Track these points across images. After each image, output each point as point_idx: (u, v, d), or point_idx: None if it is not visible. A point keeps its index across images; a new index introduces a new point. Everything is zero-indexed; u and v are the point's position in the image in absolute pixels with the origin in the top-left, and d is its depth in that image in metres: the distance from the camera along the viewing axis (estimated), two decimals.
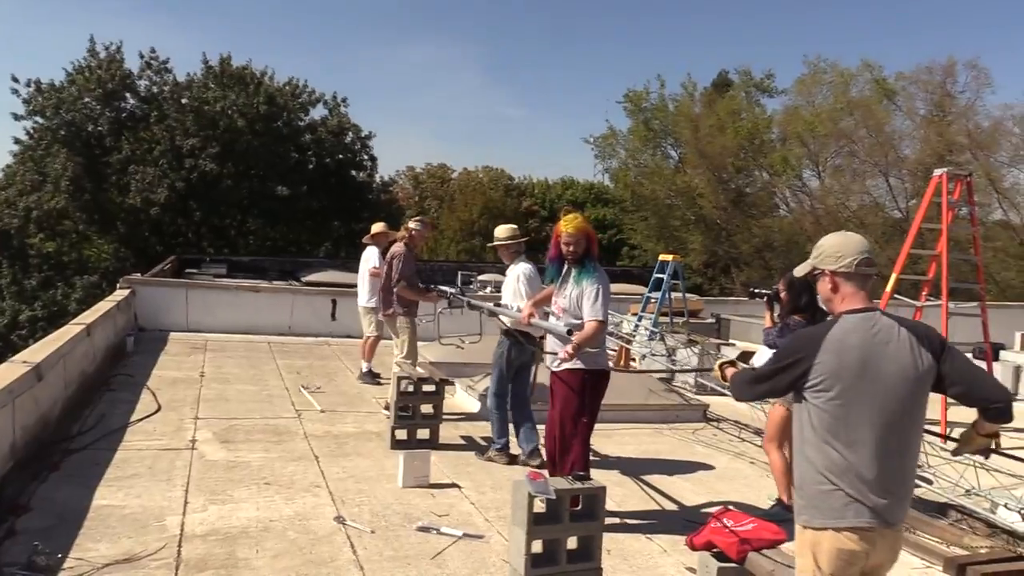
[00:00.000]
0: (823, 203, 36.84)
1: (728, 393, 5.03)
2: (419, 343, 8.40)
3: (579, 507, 4.00)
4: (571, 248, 5.06)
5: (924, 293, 9.28)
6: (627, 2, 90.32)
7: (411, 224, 8.22)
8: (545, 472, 4.65)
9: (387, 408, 7.68)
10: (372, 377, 9.64)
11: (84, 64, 28.44)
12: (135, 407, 7.62)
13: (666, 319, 12.45)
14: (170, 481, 5.52)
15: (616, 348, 11.94)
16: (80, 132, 27.84)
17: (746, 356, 10.84)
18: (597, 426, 5.26)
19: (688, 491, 6.23)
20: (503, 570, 4.32)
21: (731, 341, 10.89)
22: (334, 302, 13.75)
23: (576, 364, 4.97)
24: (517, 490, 3.85)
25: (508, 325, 6.48)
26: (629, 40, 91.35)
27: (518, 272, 6.58)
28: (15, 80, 27.62)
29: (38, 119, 28.02)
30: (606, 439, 7.71)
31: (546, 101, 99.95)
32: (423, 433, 6.90)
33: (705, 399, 9.52)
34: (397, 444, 6.77)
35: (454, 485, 5.86)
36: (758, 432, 8.44)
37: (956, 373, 2.76)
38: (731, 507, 4.13)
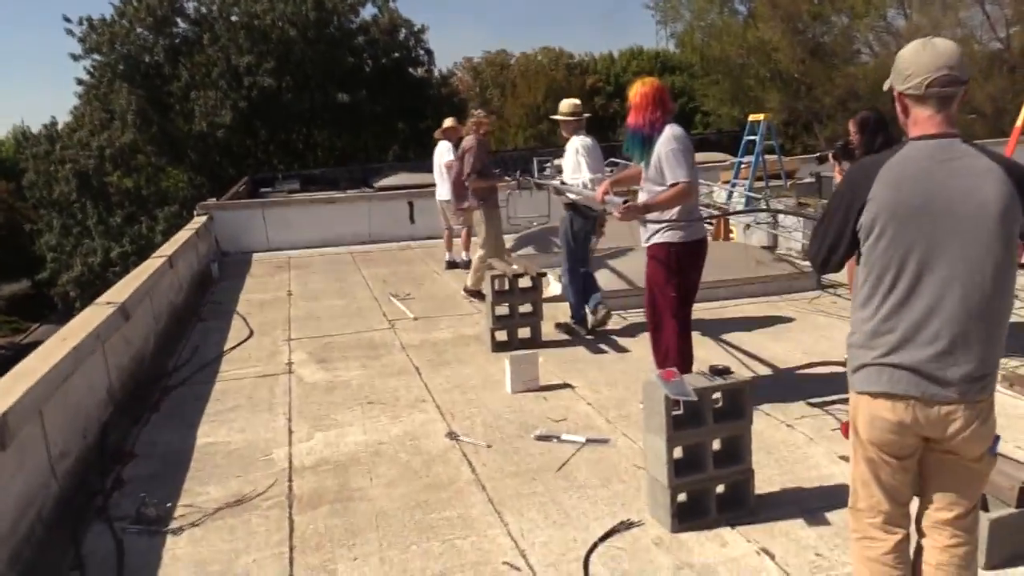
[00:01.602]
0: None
1: None
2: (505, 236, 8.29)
3: (720, 404, 3.53)
4: (638, 116, 4.62)
5: None
6: None
7: (477, 114, 8.19)
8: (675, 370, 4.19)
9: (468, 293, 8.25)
10: (453, 266, 10.03)
11: None
12: (227, 334, 7.45)
13: (761, 183, 11.65)
14: (272, 410, 5.29)
15: (712, 220, 11.28)
16: (138, 64, 27.68)
17: None
18: (706, 304, 4.81)
19: (819, 368, 5.70)
20: (636, 476, 3.94)
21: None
22: (411, 204, 13.36)
23: (661, 238, 4.64)
24: (650, 393, 3.39)
25: (573, 199, 6.48)
26: None
27: (576, 145, 6.54)
28: (67, 20, 27.52)
29: (96, 56, 27.92)
30: (717, 317, 7.21)
31: None
32: (523, 332, 6.52)
33: None
34: (498, 346, 6.41)
35: (566, 385, 5.47)
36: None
37: None
38: None
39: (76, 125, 28.56)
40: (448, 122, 10.30)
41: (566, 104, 6.77)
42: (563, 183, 6.70)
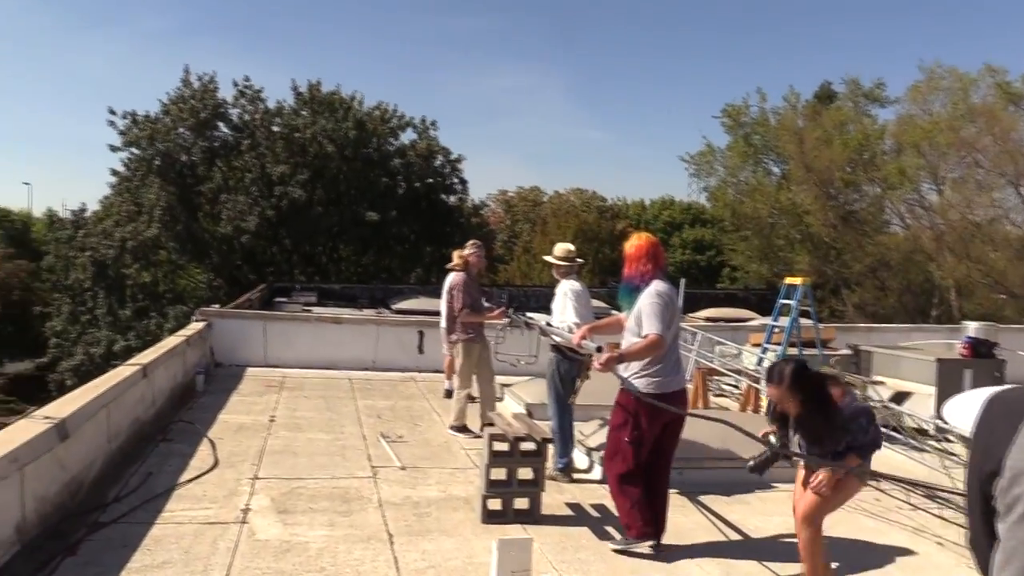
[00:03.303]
0: (943, 217, 34.06)
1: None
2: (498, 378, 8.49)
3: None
4: (631, 269, 4.93)
5: None
6: (713, 19, 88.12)
7: (465, 251, 8.33)
8: None
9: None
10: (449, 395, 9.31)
11: (178, 95, 28.58)
12: (189, 462, 6.59)
13: (795, 350, 10.84)
14: (206, 572, 4.38)
15: (741, 388, 10.43)
16: (174, 162, 27.94)
17: (901, 397, 9.19)
18: (735, 494, 4.13)
19: None
20: None
21: (879, 378, 9.23)
22: (421, 334, 12.64)
23: (632, 387, 4.83)
24: None
25: (558, 342, 6.60)
26: (721, 56, 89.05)
27: (566, 288, 6.76)
28: (112, 112, 28.00)
29: (134, 150, 28.26)
30: (746, 504, 6.28)
31: (636, 123, 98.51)
32: (521, 503, 5.61)
33: None
34: (490, 516, 5.50)
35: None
36: (931, 496, 6.84)
37: None
38: None
39: (103, 214, 28.60)
40: (456, 254, 9.77)
41: (560, 248, 7.05)
42: (549, 324, 6.87)
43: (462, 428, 8.13)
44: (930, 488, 6.84)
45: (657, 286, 4.79)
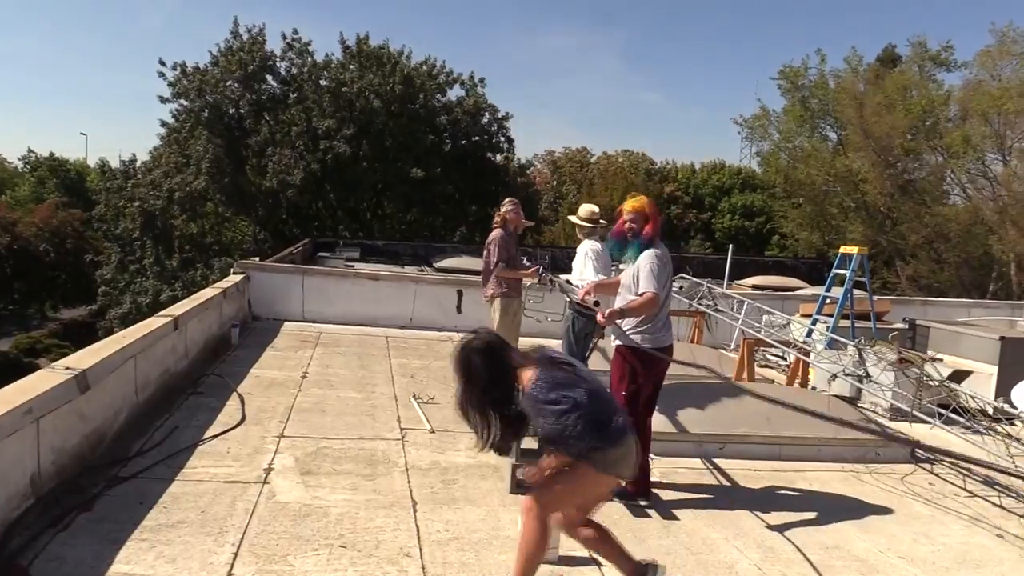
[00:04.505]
0: (1008, 189, 32.68)
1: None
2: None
3: None
4: (628, 225, 5.23)
5: None
6: None
7: (503, 207, 8.23)
8: None
9: None
10: None
11: (227, 47, 28.46)
12: (216, 417, 6.46)
13: (847, 323, 10.39)
14: (220, 536, 4.22)
15: (787, 360, 10.03)
16: (222, 114, 27.96)
17: (960, 375, 8.71)
18: (772, 464, 3.92)
19: None
20: None
21: (937, 355, 8.74)
22: (460, 293, 12.42)
23: (629, 340, 5.20)
24: None
25: (572, 299, 6.74)
26: (782, 16, 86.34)
27: (586, 248, 6.97)
28: (162, 63, 28.02)
29: (183, 101, 28.31)
30: (789, 485, 5.96)
31: (687, 84, 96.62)
32: None
33: (908, 428, 7.48)
34: (519, 487, 5.25)
35: (592, 561, 4.27)
36: (989, 482, 6.44)
37: None
38: None
39: (152, 165, 28.80)
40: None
41: (585, 210, 7.22)
42: (569, 283, 7.17)
43: None
44: (990, 467, 6.42)
45: (656, 248, 5.18)
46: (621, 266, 5.78)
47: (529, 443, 5.26)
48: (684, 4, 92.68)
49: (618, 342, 5.31)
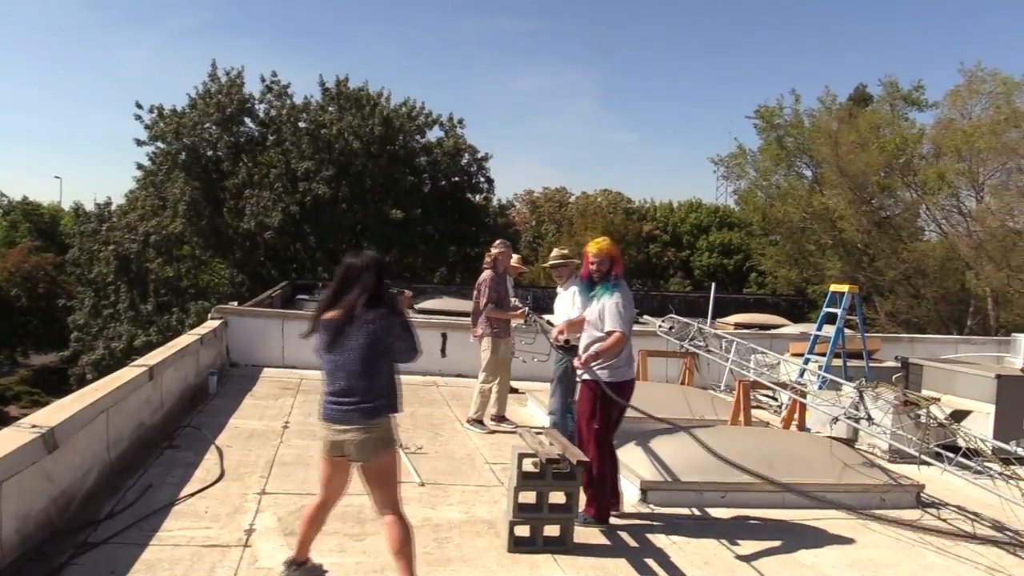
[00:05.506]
0: (982, 224, 33.02)
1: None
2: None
3: None
4: (595, 267, 5.56)
5: None
6: (748, 21, 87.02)
7: (493, 249, 8.45)
8: None
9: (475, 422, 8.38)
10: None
11: (205, 89, 28.30)
12: (193, 473, 6.15)
13: (839, 362, 10.24)
14: None
15: (779, 400, 9.83)
16: (199, 157, 27.69)
17: (959, 415, 8.53)
18: (772, 512, 3.58)
19: None
20: None
21: (935, 395, 8.56)
22: (444, 336, 12.14)
23: (594, 375, 5.48)
24: None
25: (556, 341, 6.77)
26: (755, 57, 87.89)
27: (573, 290, 6.91)
28: (139, 106, 27.78)
29: (159, 144, 28.02)
30: (791, 538, 5.68)
31: (664, 124, 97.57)
32: (551, 530, 5.08)
33: (911, 470, 7.26)
34: (517, 544, 4.98)
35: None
36: (998, 526, 6.22)
37: None
38: None
39: (128, 208, 28.44)
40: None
41: (555, 252, 7.60)
42: (551, 323, 7.45)
43: (477, 422, 8.38)
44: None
45: (622, 289, 5.53)
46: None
47: (527, 498, 5.01)
48: (660, 46, 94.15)
49: (585, 376, 5.56)
